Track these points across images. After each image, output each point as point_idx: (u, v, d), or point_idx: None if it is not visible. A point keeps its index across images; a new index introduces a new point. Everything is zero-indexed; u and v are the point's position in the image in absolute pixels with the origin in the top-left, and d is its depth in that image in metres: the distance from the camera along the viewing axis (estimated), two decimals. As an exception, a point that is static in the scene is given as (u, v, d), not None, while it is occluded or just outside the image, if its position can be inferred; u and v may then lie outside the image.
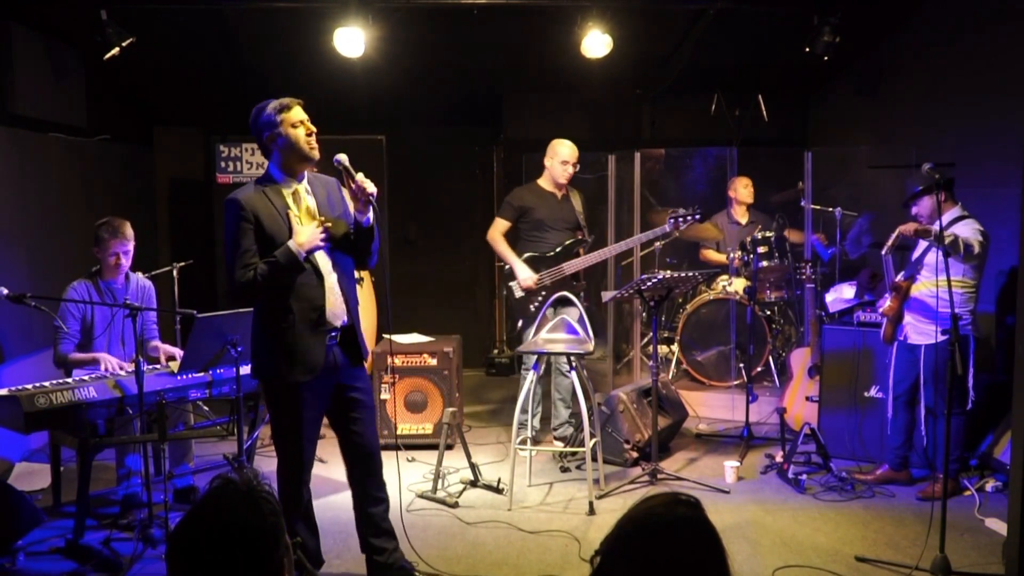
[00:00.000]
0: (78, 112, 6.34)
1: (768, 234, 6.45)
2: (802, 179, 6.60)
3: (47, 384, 4.01)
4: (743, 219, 7.05)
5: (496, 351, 8.07)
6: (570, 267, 5.43)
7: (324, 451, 5.08)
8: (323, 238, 3.32)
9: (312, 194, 3.45)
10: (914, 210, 4.70)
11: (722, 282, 6.73)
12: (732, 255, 6.73)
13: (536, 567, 3.90)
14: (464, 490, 4.83)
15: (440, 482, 4.79)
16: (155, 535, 3.97)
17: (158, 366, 4.43)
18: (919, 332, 4.69)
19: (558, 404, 5.58)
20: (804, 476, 4.86)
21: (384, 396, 5.49)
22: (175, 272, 5.55)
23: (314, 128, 3.37)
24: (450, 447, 5.20)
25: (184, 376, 4.28)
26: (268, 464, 4.64)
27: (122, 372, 4.30)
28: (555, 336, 4.86)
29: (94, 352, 4.48)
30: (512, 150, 7.77)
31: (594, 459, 4.78)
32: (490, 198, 7.98)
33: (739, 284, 6.65)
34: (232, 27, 6.59)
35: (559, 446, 5.46)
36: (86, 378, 4.13)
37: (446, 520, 4.45)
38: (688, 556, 1.50)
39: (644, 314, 6.46)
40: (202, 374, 4.32)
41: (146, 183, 7.62)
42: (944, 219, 4.40)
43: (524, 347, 5.09)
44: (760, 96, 7.48)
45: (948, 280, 3.84)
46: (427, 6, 6.17)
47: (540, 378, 5.08)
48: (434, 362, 5.57)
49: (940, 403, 4.57)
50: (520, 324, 5.54)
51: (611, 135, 7.94)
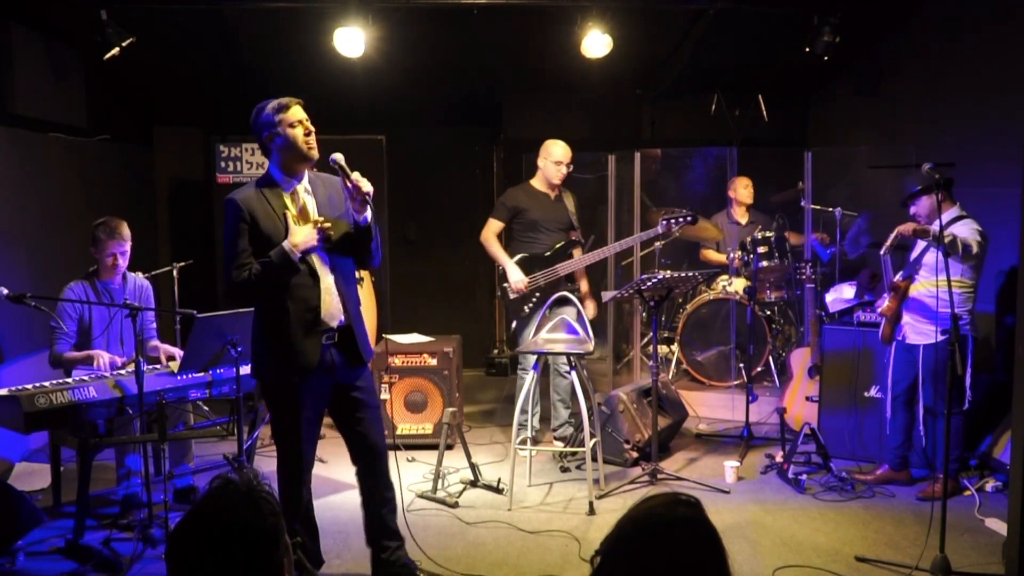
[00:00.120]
0: (78, 112, 6.34)
1: (768, 234, 6.45)
2: (802, 179, 6.60)
3: (47, 384, 4.01)
4: (743, 219, 7.05)
5: (496, 351, 8.07)
6: (564, 268, 5.42)
7: (324, 451, 5.08)
8: (318, 239, 3.32)
9: (312, 194, 3.45)
10: (912, 209, 4.69)
11: (722, 282, 6.73)
12: (732, 255, 6.73)
13: (536, 567, 3.90)
14: (464, 490, 4.83)
15: (440, 482, 4.79)
16: (155, 535, 3.97)
17: (158, 366, 4.43)
18: (917, 332, 4.68)
19: (557, 405, 5.57)
20: (804, 476, 4.86)
21: (384, 396, 5.49)
22: (175, 272, 5.56)
23: (313, 128, 3.37)
24: (450, 447, 5.20)
25: (184, 376, 4.28)
26: (268, 464, 4.64)
27: (122, 372, 4.30)
28: (555, 336, 4.84)
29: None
30: (512, 150, 7.76)
31: (594, 459, 4.78)
32: (490, 198, 7.96)
33: (739, 284, 6.64)
34: (232, 27, 6.59)
35: (559, 446, 5.46)
36: (86, 378, 4.12)
37: (446, 520, 4.45)
38: (688, 556, 1.50)
39: (644, 314, 6.46)
40: (202, 374, 4.32)
41: (146, 183, 7.62)
42: (942, 219, 4.39)
43: (524, 347, 5.08)
44: (760, 96, 7.48)
45: (948, 280, 3.84)
46: (427, 6, 6.18)
47: (538, 378, 5.08)
48: (434, 362, 5.57)
49: (939, 403, 4.57)
50: (514, 325, 5.54)
51: (611, 135, 7.93)
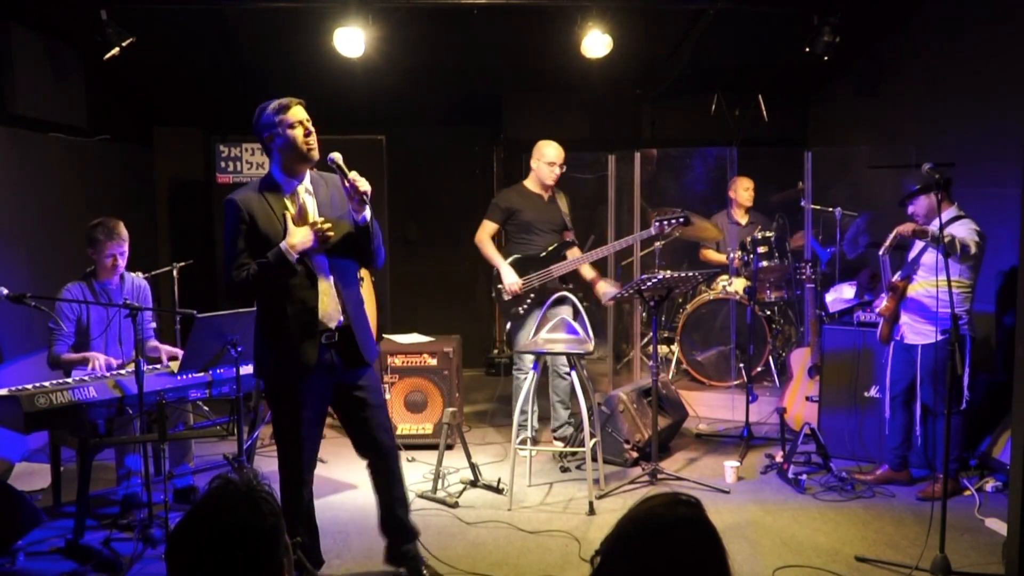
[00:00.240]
0: (78, 112, 6.34)
1: (768, 234, 6.45)
2: (802, 179, 6.60)
3: (47, 384, 4.01)
4: (743, 219, 7.05)
5: (496, 351, 8.06)
6: (558, 270, 5.40)
7: (324, 451, 5.07)
8: (316, 240, 3.32)
9: (314, 195, 3.44)
10: (910, 209, 4.69)
11: (722, 282, 6.73)
12: (732, 255, 6.73)
13: (536, 567, 3.90)
14: (464, 490, 4.83)
15: (440, 482, 4.79)
16: (155, 535, 3.96)
17: (158, 366, 4.43)
18: (916, 332, 4.68)
19: (556, 406, 5.56)
20: (804, 476, 4.86)
21: (384, 396, 5.48)
22: (175, 272, 5.56)
23: (313, 128, 3.37)
24: (450, 447, 5.20)
25: (184, 376, 4.27)
26: (268, 464, 4.64)
27: (122, 372, 4.30)
28: (555, 336, 4.83)
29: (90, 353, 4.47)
30: (512, 150, 7.76)
31: (594, 459, 4.78)
32: (490, 198, 7.94)
33: (739, 284, 6.64)
34: (232, 27, 6.59)
35: (559, 446, 5.46)
36: (86, 378, 4.12)
37: (446, 520, 4.45)
38: (688, 556, 1.50)
39: (644, 314, 6.46)
40: (202, 374, 4.31)
41: (146, 183, 7.62)
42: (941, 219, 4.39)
43: (524, 347, 5.07)
44: (760, 96, 7.48)
45: (948, 280, 3.84)
46: (427, 6, 6.18)
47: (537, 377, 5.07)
48: (434, 362, 5.57)
49: (938, 403, 4.57)
50: (508, 327, 5.53)
51: (611, 135, 7.93)
